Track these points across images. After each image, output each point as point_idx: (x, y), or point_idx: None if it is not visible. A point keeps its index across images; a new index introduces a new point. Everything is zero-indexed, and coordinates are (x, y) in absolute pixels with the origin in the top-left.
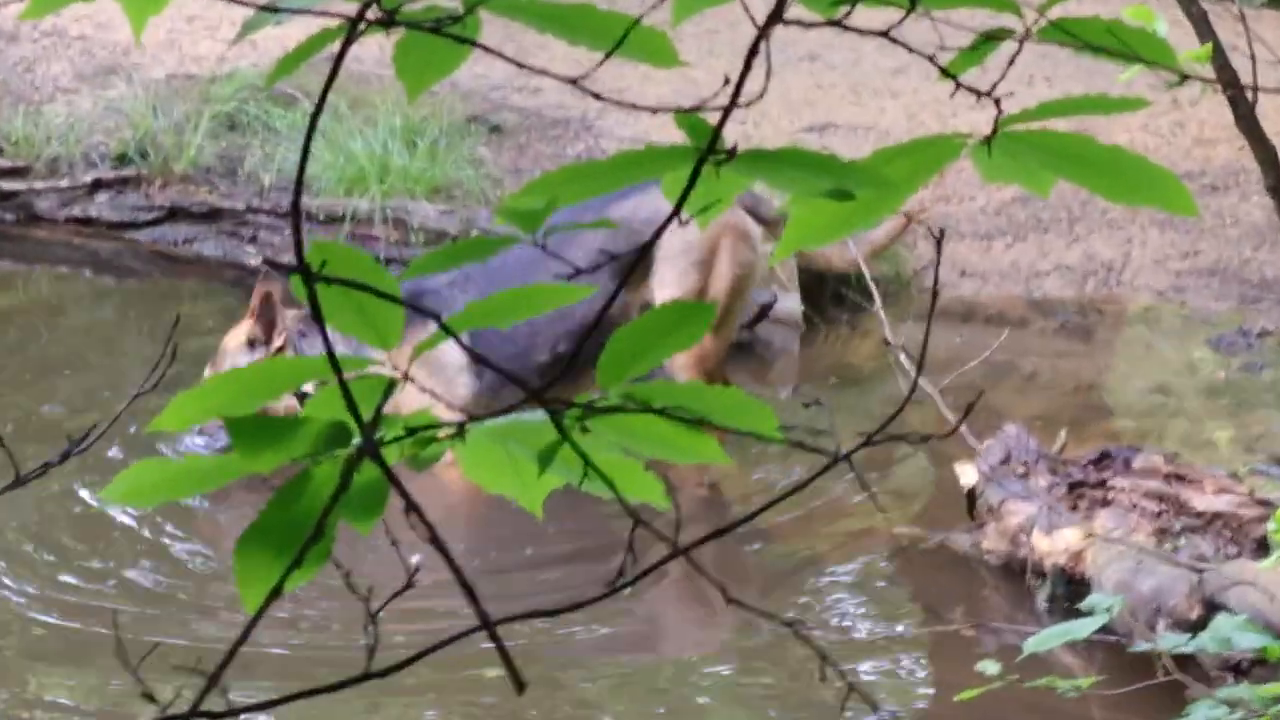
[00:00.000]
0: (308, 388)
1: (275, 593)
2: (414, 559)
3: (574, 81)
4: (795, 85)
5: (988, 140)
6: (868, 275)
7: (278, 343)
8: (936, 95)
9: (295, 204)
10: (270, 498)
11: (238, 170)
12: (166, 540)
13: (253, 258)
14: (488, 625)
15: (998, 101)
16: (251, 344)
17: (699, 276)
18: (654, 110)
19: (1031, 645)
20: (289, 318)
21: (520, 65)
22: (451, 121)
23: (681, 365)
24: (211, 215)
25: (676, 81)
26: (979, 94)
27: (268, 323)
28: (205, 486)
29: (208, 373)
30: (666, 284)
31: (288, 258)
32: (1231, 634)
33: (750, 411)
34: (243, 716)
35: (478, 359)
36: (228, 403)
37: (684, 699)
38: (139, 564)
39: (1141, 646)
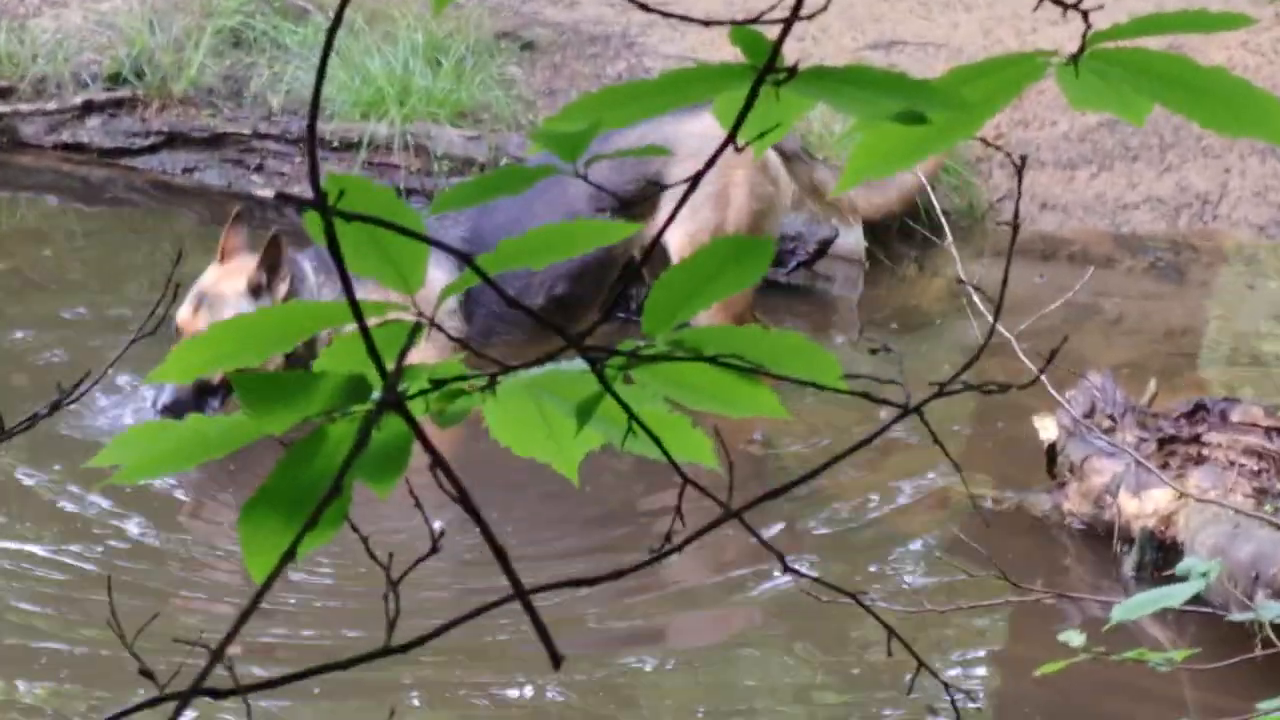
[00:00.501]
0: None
1: (288, 556)
2: (436, 524)
3: None
4: None
5: (1074, 59)
6: (938, 208)
7: (284, 289)
8: (1015, 8)
9: (311, 129)
10: (280, 458)
11: (243, 92)
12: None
13: (260, 188)
14: (521, 594)
15: (1085, 15)
16: (255, 291)
17: (714, 211)
18: (705, 23)
19: (1119, 614)
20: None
21: None
22: (479, 38)
23: (708, 313)
24: (214, 141)
25: None
26: (1065, 6)
27: (272, 268)
28: (215, 452)
29: (185, 314)
30: (679, 220)
31: (298, 188)
32: None
33: (812, 358)
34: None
35: (514, 304)
36: (234, 352)
37: (727, 679)
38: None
39: (1239, 616)
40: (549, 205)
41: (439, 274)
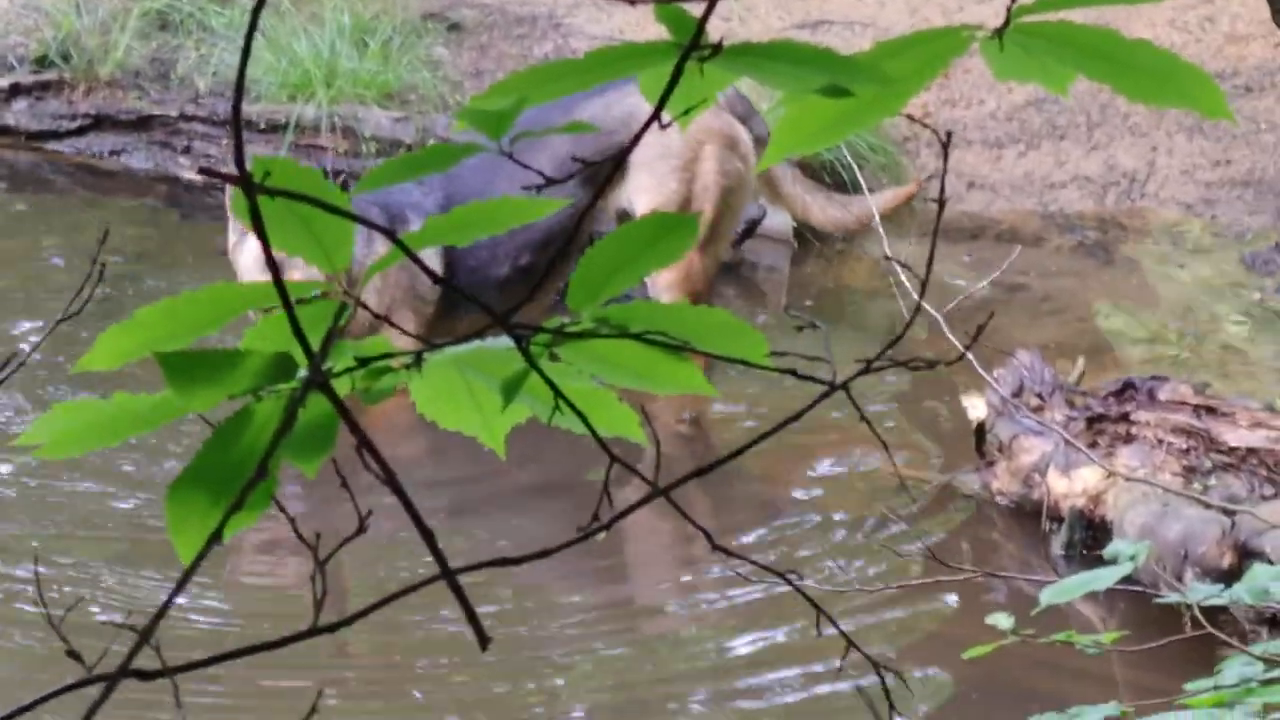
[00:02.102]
0: None
1: (214, 537)
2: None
3: None
4: None
5: (999, 32)
6: (864, 187)
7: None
8: None
9: (235, 110)
10: (206, 439)
11: (169, 74)
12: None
13: (187, 170)
14: (448, 574)
15: None
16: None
17: (680, 184)
18: (632, 2)
19: (1048, 597)
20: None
21: None
22: (405, 19)
23: (666, 285)
24: (141, 124)
25: None
26: None
27: None
28: (140, 429)
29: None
30: (644, 190)
31: (225, 170)
32: (1269, 584)
33: (738, 335)
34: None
35: (437, 279)
36: (164, 336)
37: (660, 659)
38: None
39: (1168, 598)
40: (509, 178)
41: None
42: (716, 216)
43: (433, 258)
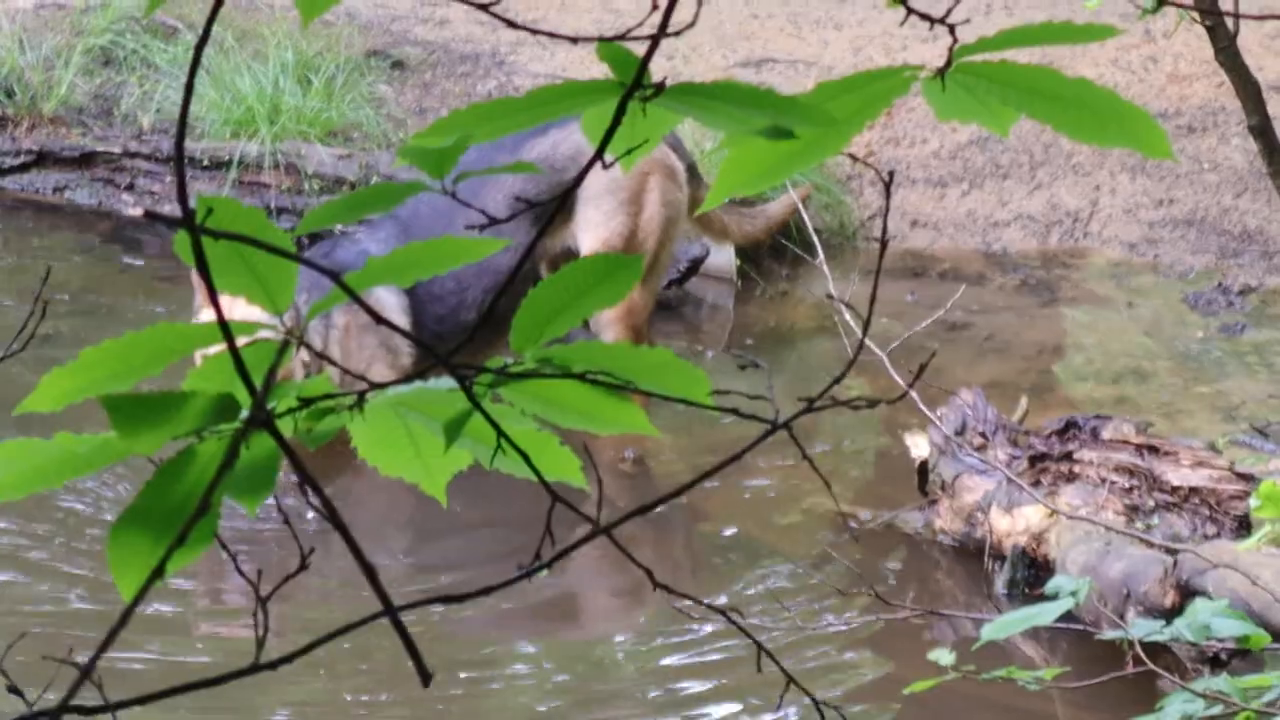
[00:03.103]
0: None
1: (156, 574)
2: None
3: (485, 7)
4: (729, 15)
5: (941, 73)
6: (809, 226)
7: None
8: (885, 27)
9: (178, 147)
10: (149, 479)
11: (113, 110)
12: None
13: (130, 207)
14: (390, 611)
15: (952, 29)
16: None
17: (627, 218)
18: (574, 40)
19: (989, 633)
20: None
21: None
22: (349, 56)
23: (608, 321)
24: (84, 160)
25: (597, 11)
26: (932, 20)
27: None
28: (83, 470)
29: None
30: (592, 226)
31: (169, 207)
32: (1210, 621)
33: (680, 375)
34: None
35: (379, 320)
36: (107, 378)
37: (601, 697)
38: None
39: (1110, 634)
40: (471, 219)
41: (387, 295)
42: (659, 248)
43: (397, 312)
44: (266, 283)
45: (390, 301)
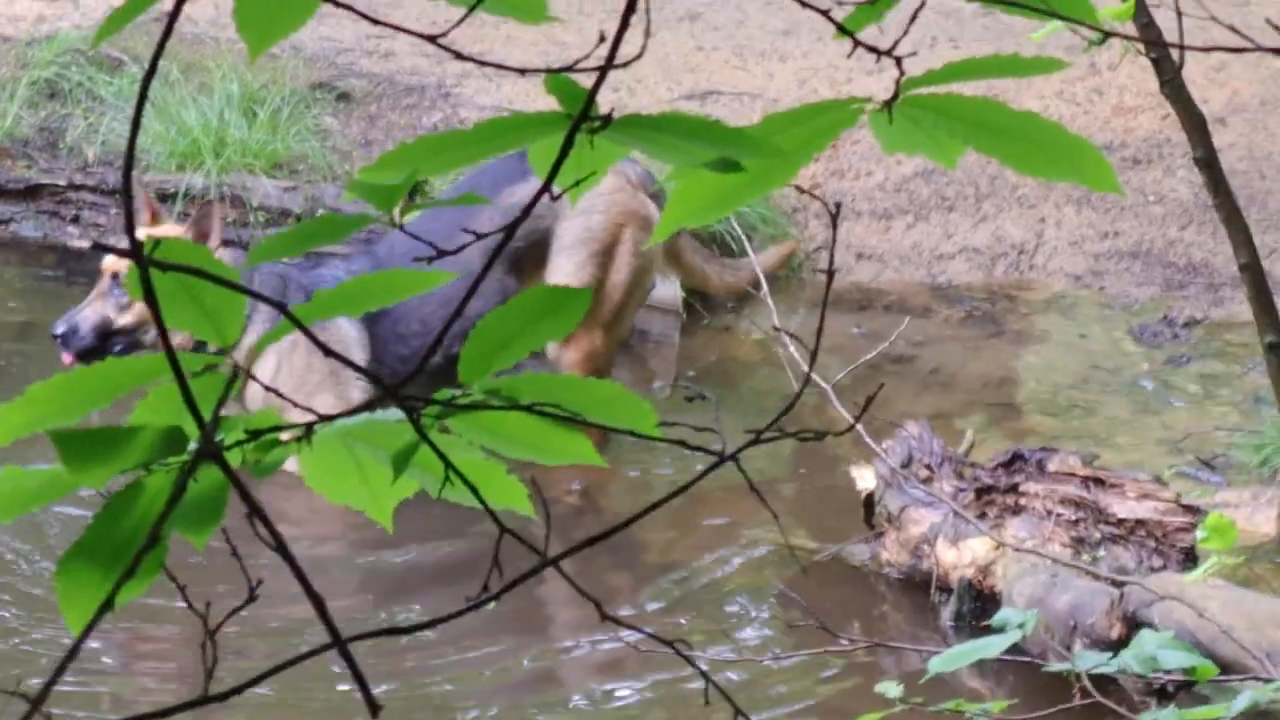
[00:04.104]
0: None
1: (105, 607)
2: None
3: (433, 39)
4: (674, 48)
5: (888, 105)
6: (754, 258)
7: (215, 243)
8: (830, 59)
9: (126, 179)
10: (97, 512)
11: (58, 143)
12: None
13: (76, 239)
14: (339, 643)
15: (899, 61)
16: None
17: (597, 269)
18: (521, 72)
19: (936, 665)
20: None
21: (374, 21)
22: (294, 89)
23: (570, 364)
24: (29, 193)
25: (543, 44)
26: (879, 53)
27: (200, 233)
28: (33, 504)
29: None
30: (562, 275)
31: (115, 240)
32: (1157, 653)
33: (627, 406)
34: None
35: (329, 352)
36: (56, 412)
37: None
38: None
39: (1057, 667)
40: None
41: (349, 327)
42: (625, 299)
43: (357, 350)
44: (214, 315)
45: (351, 335)
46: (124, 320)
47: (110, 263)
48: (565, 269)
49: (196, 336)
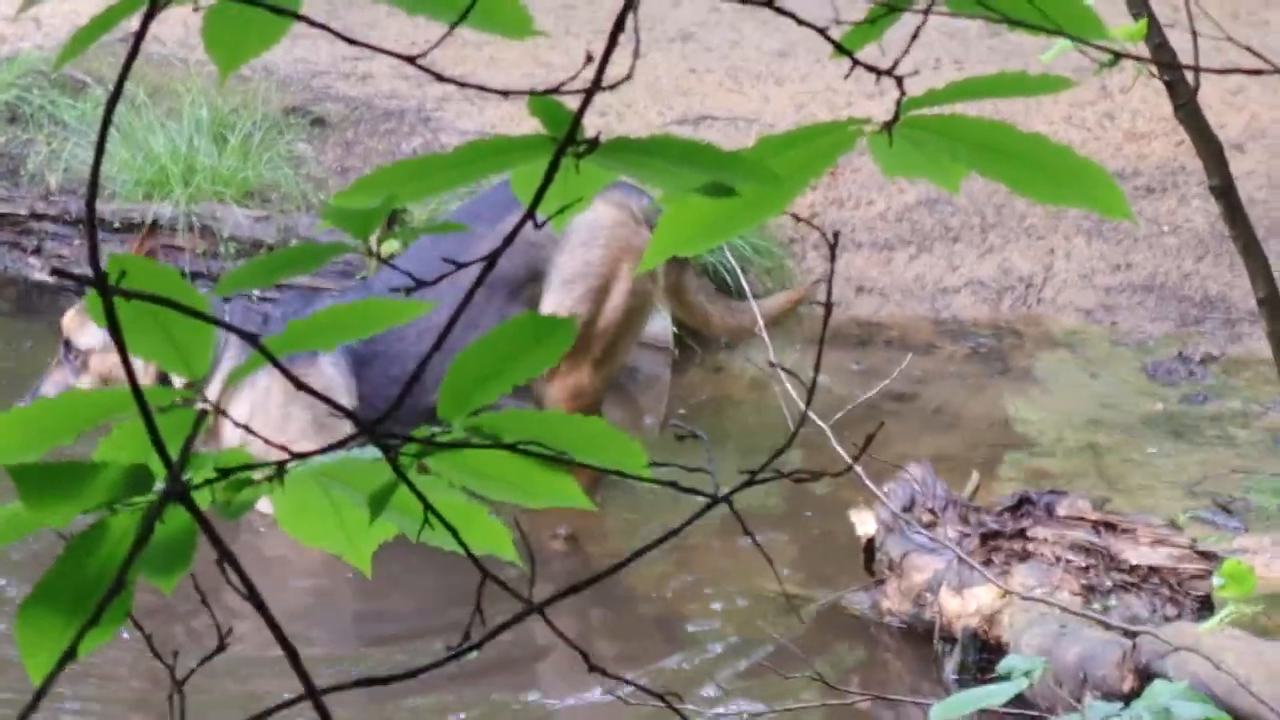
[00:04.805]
0: None
1: (68, 656)
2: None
3: (413, 60)
4: (665, 70)
5: (889, 126)
6: (748, 291)
7: None
8: (828, 82)
9: (90, 206)
10: (59, 555)
11: (19, 170)
12: None
13: (38, 271)
14: (314, 695)
15: (900, 81)
16: None
17: (592, 304)
18: (505, 94)
19: (938, 713)
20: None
21: (351, 41)
22: (267, 113)
23: (555, 400)
24: None
25: (527, 65)
26: (878, 72)
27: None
28: None
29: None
30: (556, 308)
31: (79, 272)
32: (1171, 704)
33: (616, 445)
34: None
35: (300, 386)
36: (16, 447)
37: None
38: None
39: (1065, 719)
40: (439, 290)
41: (334, 370)
42: (618, 335)
43: (342, 396)
44: (182, 346)
45: (336, 380)
46: (85, 383)
47: (65, 325)
48: (561, 301)
49: (163, 368)
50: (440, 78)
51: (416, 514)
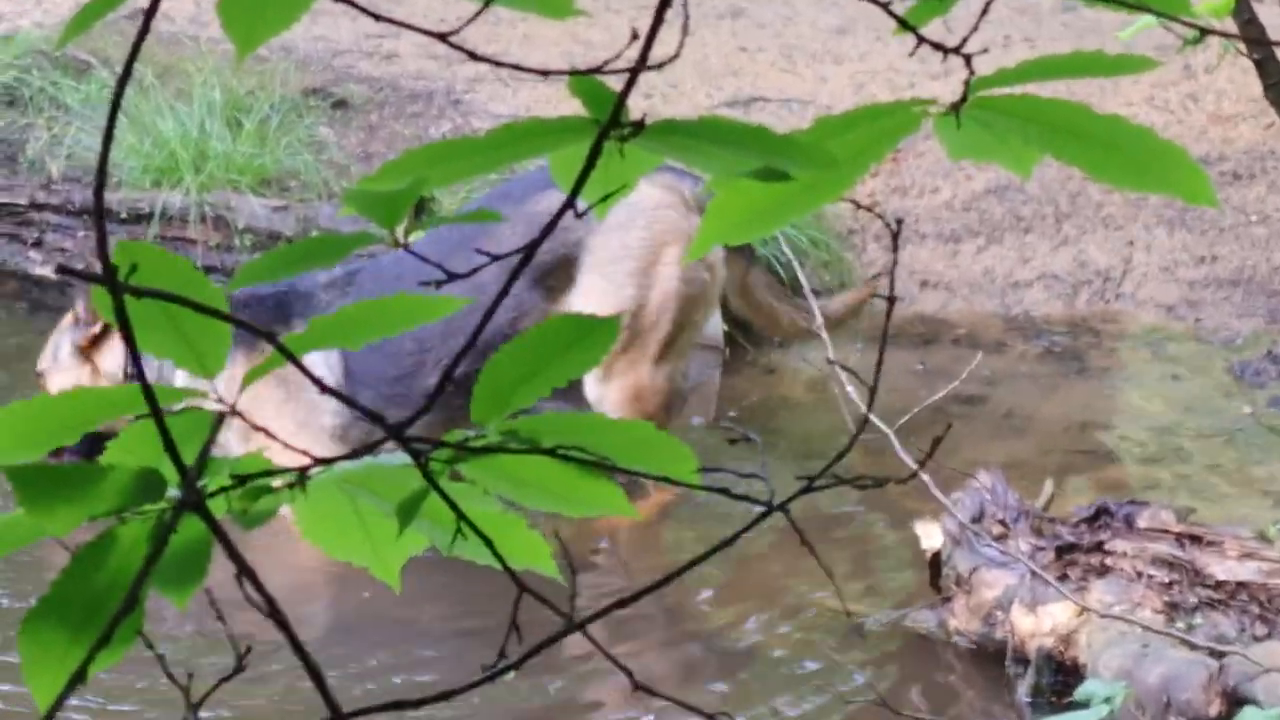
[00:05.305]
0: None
1: (77, 678)
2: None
3: (444, 38)
4: (714, 49)
5: (956, 108)
6: (806, 285)
7: (96, 328)
8: (889, 60)
9: (98, 197)
10: (65, 566)
11: (18, 156)
12: None
13: (39, 265)
14: (339, 718)
15: (968, 59)
16: (76, 323)
17: (636, 290)
18: (544, 74)
19: None
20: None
21: (377, 17)
22: (285, 95)
23: (614, 404)
24: None
25: (565, 43)
26: (945, 50)
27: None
28: None
29: (39, 363)
30: (594, 294)
31: (83, 267)
32: None
33: (663, 450)
34: None
35: (324, 389)
36: (14, 446)
37: None
38: None
39: None
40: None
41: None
42: (675, 330)
43: (322, 368)
44: (196, 343)
45: (317, 365)
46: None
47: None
48: (599, 288)
49: (177, 365)
50: (474, 56)
51: (449, 524)
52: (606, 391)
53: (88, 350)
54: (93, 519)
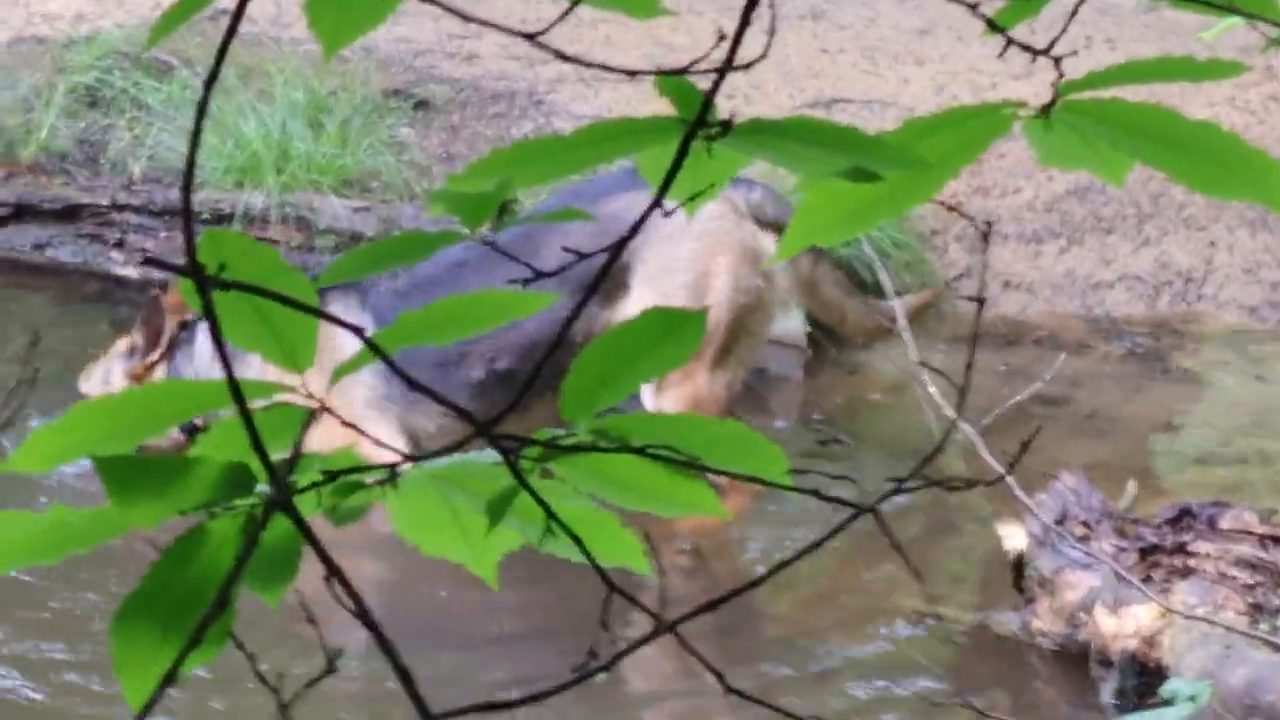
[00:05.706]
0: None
1: (168, 679)
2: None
3: (531, 38)
4: (796, 50)
5: (1046, 111)
6: (889, 286)
7: (154, 355)
8: (971, 62)
9: (185, 193)
10: (155, 560)
11: (100, 157)
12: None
13: (120, 265)
14: None
15: (1058, 61)
16: (132, 351)
17: (689, 300)
18: (630, 74)
19: None
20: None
21: (464, 17)
22: (367, 96)
23: (669, 410)
24: (68, 213)
25: (646, 45)
26: (1034, 52)
27: (152, 329)
28: (79, 545)
29: (82, 385)
30: (647, 306)
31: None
32: None
33: (754, 451)
34: None
35: (413, 385)
36: (100, 437)
37: None
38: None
39: None
40: (497, 275)
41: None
42: (730, 339)
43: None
44: (284, 336)
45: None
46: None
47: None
48: (648, 299)
49: (265, 359)
50: (562, 56)
51: (541, 521)
52: (663, 402)
53: (141, 378)
54: (181, 514)
